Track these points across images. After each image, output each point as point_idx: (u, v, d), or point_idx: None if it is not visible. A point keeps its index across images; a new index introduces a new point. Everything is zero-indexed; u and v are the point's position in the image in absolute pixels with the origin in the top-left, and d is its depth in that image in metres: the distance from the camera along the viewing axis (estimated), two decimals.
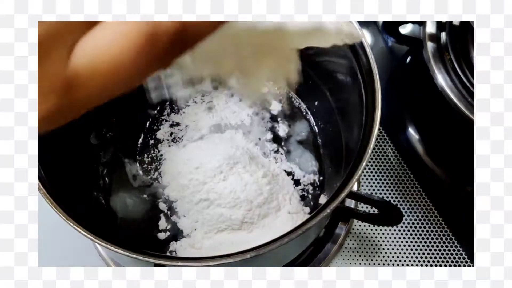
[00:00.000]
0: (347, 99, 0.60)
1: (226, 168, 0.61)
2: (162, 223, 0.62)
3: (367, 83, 0.51)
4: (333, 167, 0.65)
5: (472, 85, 0.60)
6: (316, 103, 0.68)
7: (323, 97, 0.67)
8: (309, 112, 0.69)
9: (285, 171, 0.66)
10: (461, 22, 0.63)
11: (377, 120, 0.49)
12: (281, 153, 0.67)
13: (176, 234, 0.62)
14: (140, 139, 0.67)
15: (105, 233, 0.46)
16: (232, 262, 0.43)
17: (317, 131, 0.68)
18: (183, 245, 0.60)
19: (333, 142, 0.65)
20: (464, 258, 0.66)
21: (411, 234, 0.67)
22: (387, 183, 0.70)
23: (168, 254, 0.60)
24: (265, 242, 0.45)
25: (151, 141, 0.67)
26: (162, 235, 0.61)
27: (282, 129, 0.68)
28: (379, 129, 0.49)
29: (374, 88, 0.51)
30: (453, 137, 0.69)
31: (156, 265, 0.44)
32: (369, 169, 0.71)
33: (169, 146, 0.67)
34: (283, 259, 0.58)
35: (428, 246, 0.66)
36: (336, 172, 0.64)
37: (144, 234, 0.62)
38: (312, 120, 0.69)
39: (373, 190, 0.70)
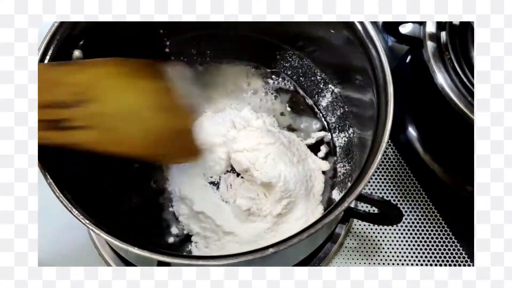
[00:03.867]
0: (358, 97, 0.61)
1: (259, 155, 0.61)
2: (174, 227, 0.62)
3: (378, 78, 0.52)
4: (346, 159, 0.65)
5: (472, 84, 0.60)
6: (325, 100, 0.69)
7: (331, 94, 0.68)
8: (315, 108, 0.70)
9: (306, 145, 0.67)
10: (461, 22, 0.63)
11: (390, 114, 0.50)
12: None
13: (190, 235, 0.61)
14: None
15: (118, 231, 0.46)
16: (252, 260, 0.43)
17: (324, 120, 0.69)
18: (198, 246, 0.60)
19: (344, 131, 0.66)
20: (464, 258, 0.66)
21: (411, 234, 0.67)
22: (387, 182, 0.70)
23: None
24: (284, 238, 0.44)
25: None
26: (172, 239, 0.61)
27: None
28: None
29: (386, 81, 0.51)
30: (453, 137, 0.69)
31: (166, 264, 0.44)
32: None
33: None
34: (292, 259, 0.58)
35: (428, 246, 0.66)
36: (349, 165, 0.64)
37: (157, 238, 0.62)
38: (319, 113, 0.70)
39: (373, 189, 0.70)
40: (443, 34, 0.64)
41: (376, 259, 0.66)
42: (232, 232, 0.59)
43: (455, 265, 0.65)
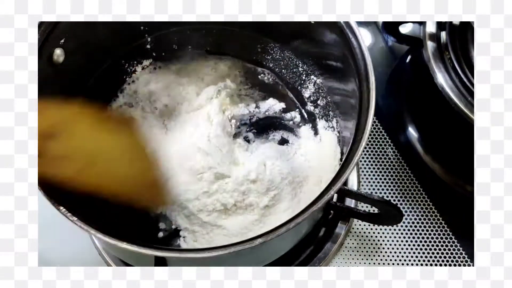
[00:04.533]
0: (341, 87, 0.61)
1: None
2: (162, 223, 0.62)
3: (359, 67, 0.52)
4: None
5: (472, 84, 0.60)
6: (308, 91, 0.69)
7: (314, 85, 0.68)
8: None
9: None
10: (461, 22, 0.63)
11: (373, 101, 0.50)
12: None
13: (179, 230, 0.61)
14: None
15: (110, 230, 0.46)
16: (241, 250, 0.43)
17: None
18: (187, 240, 0.60)
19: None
20: (464, 258, 0.66)
21: (411, 234, 0.67)
22: (387, 182, 0.70)
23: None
24: (272, 228, 0.44)
25: None
26: (161, 234, 0.61)
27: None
28: (374, 120, 0.49)
29: (367, 69, 0.51)
30: (453, 137, 0.69)
31: (159, 262, 0.44)
32: (369, 168, 0.71)
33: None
34: (278, 250, 0.58)
35: (428, 246, 0.66)
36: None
37: (145, 233, 0.62)
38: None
39: (373, 189, 0.70)
40: (443, 34, 0.64)
41: (376, 259, 0.66)
42: (220, 225, 0.59)
43: (455, 265, 0.65)
